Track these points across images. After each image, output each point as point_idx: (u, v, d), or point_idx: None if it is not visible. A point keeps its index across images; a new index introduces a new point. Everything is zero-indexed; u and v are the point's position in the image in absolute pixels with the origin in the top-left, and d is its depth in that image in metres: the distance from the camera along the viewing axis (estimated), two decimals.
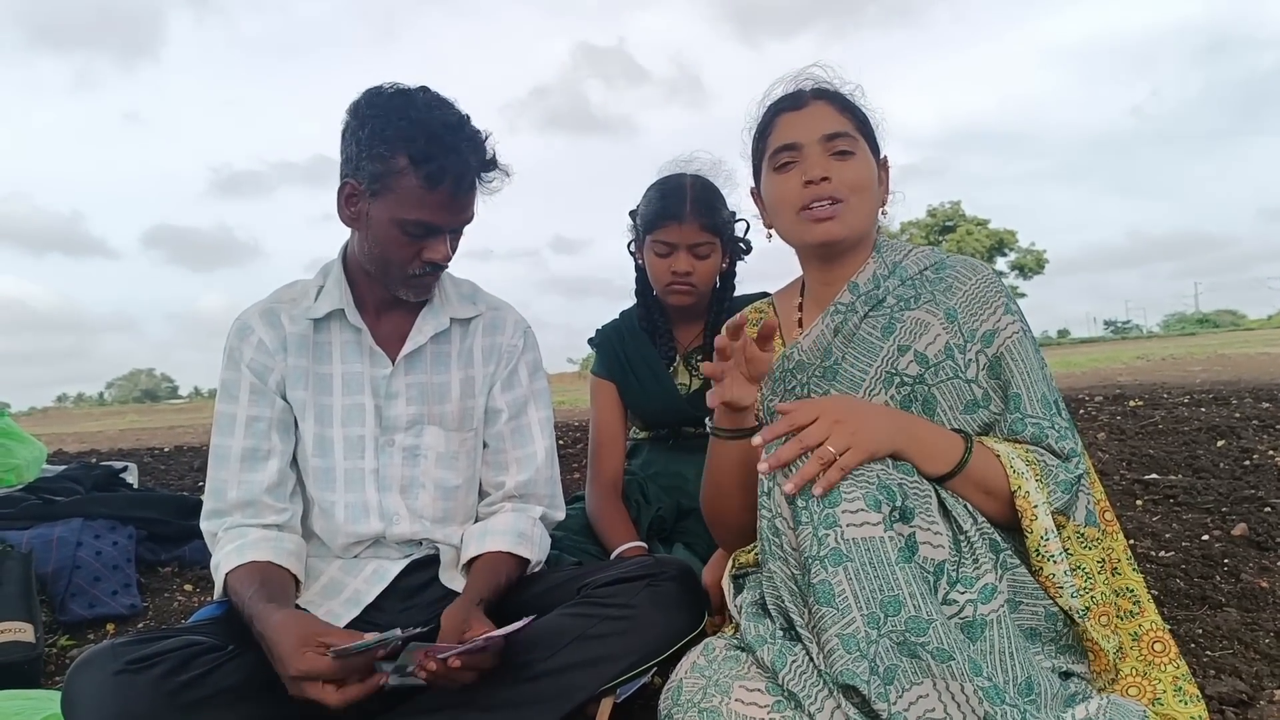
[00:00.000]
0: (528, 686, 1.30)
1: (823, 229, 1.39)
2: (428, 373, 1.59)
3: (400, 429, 1.56)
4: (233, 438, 1.51)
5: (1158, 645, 1.28)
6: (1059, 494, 1.23)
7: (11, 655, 1.86)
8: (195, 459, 5.89)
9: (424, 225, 1.43)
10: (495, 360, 1.64)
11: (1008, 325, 1.33)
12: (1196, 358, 12.96)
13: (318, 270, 1.61)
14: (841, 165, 1.39)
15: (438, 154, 1.38)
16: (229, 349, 1.54)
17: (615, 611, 1.37)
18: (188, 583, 2.65)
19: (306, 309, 1.54)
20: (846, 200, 1.38)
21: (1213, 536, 2.37)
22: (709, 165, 2.08)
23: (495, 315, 1.66)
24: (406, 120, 1.39)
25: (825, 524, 1.12)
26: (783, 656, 1.17)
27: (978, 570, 1.16)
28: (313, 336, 1.55)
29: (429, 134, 1.38)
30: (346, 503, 1.53)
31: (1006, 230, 52.02)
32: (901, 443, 1.20)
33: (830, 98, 1.44)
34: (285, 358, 1.53)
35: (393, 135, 1.38)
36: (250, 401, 1.51)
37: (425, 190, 1.39)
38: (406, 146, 1.38)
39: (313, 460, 1.53)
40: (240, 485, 1.49)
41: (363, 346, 1.56)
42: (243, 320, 1.55)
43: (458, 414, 1.60)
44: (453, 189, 1.40)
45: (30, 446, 3.10)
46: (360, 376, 1.55)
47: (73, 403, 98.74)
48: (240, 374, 1.52)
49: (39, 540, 2.33)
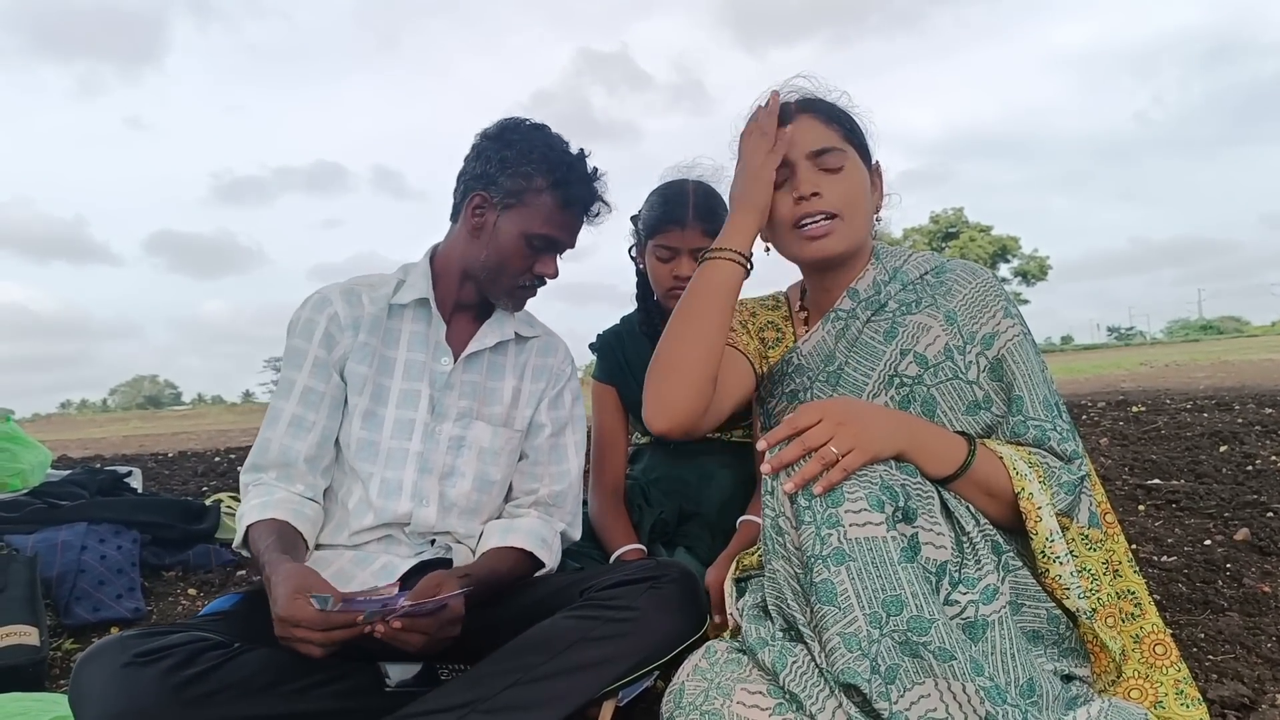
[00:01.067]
0: (531, 688, 1.30)
1: (817, 246, 1.39)
2: (483, 375, 1.68)
3: (449, 419, 1.63)
4: (287, 401, 1.57)
5: (1159, 648, 1.28)
6: (1062, 495, 1.24)
7: (16, 658, 1.86)
8: (199, 464, 5.90)
9: (548, 240, 1.59)
10: (545, 380, 1.75)
11: (1008, 328, 1.34)
12: (1200, 364, 12.95)
13: (399, 266, 1.72)
14: (832, 179, 1.39)
15: (574, 181, 1.58)
16: (303, 320, 1.60)
17: (617, 614, 1.37)
18: (191, 587, 2.65)
19: (386, 295, 1.64)
20: (840, 215, 1.38)
21: (1215, 541, 2.37)
22: (711, 171, 2.09)
23: (549, 341, 1.79)
24: (550, 149, 1.59)
25: (828, 524, 1.13)
26: (783, 658, 1.17)
27: (980, 571, 1.17)
28: (385, 321, 1.64)
29: (568, 164, 1.58)
30: (384, 478, 1.57)
31: (1009, 236, 52.07)
32: (905, 444, 1.21)
33: (816, 109, 1.44)
34: (356, 334, 1.61)
35: (538, 159, 1.57)
36: (312, 372, 1.58)
37: (558, 209, 1.58)
38: (550, 171, 1.57)
39: (359, 433, 1.59)
40: (282, 447, 1.55)
41: (429, 339, 1.65)
42: (323, 294, 1.63)
43: (505, 415, 1.69)
44: (579, 212, 1.61)
45: (35, 451, 3.11)
46: (422, 366, 1.64)
47: (76, 409, 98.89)
48: (310, 345, 1.59)
49: (44, 544, 2.34)
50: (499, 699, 1.29)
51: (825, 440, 1.16)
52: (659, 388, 1.40)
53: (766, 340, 1.55)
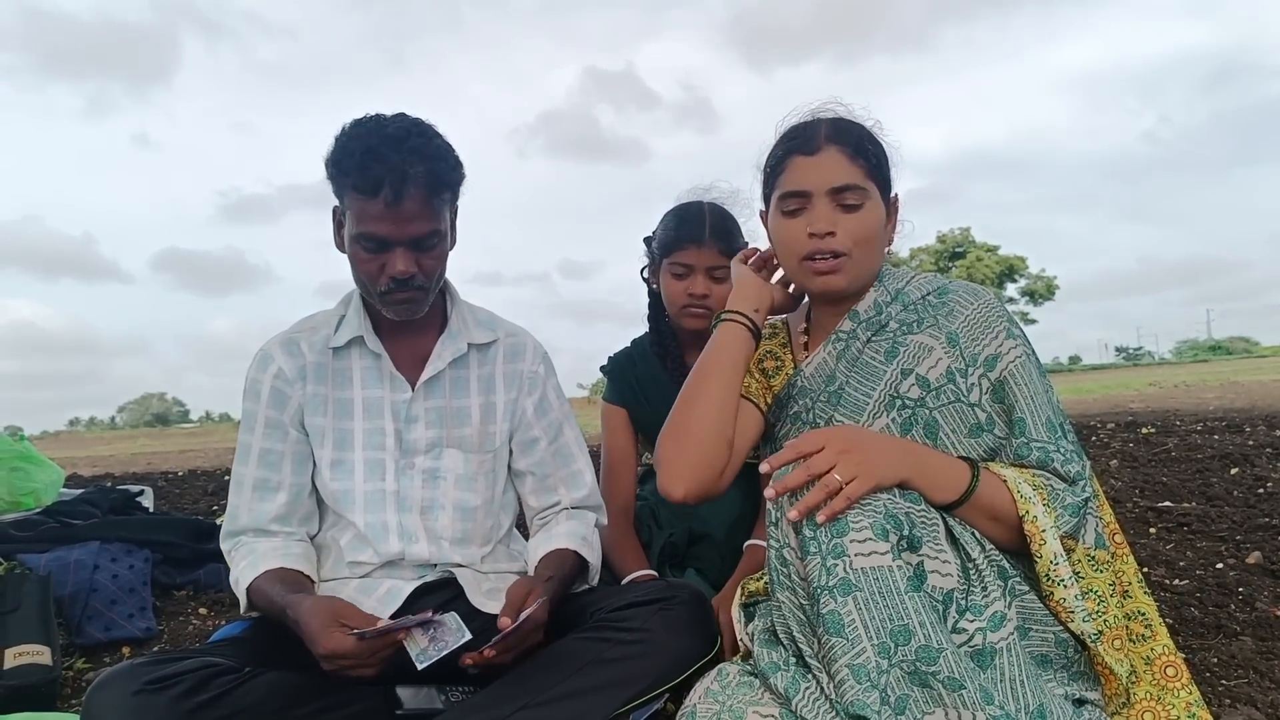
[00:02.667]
0: (542, 710, 1.30)
1: (822, 281, 1.40)
2: (447, 397, 1.62)
3: (420, 452, 1.59)
4: (247, 467, 1.56)
5: (1170, 670, 1.28)
6: (1066, 518, 1.23)
7: (29, 677, 1.87)
8: (209, 483, 5.91)
9: (374, 239, 1.45)
10: (518, 387, 1.67)
11: (1010, 349, 1.33)
12: (1209, 384, 12.89)
13: (339, 300, 1.65)
14: (848, 218, 1.38)
15: (371, 164, 1.40)
16: (250, 380, 1.57)
17: (628, 636, 1.37)
18: (203, 606, 2.65)
19: (326, 338, 1.58)
20: (850, 254, 1.38)
21: (1227, 565, 2.35)
22: (727, 195, 2.11)
23: (514, 341, 1.69)
24: (350, 139, 1.44)
25: (833, 554, 1.12)
26: (796, 684, 1.17)
27: (987, 598, 1.16)
28: (332, 363, 1.58)
29: (365, 148, 1.41)
30: (366, 523, 1.55)
31: (1016, 256, 51.99)
32: (908, 472, 1.20)
33: (844, 141, 1.41)
34: (304, 386, 1.56)
35: (339, 155, 1.45)
36: (265, 434, 1.56)
37: (365, 202, 1.42)
38: (339, 163, 1.44)
39: (331, 484, 1.56)
40: (250, 512, 1.54)
41: (383, 372, 1.59)
42: (264, 351, 1.59)
43: (477, 437, 1.63)
44: (390, 198, 1.40)
45: (48, 470, 3.12)
46: (380, 401, 1.58)
47: (85, 426, 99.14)
48: (259, 406, 1.56)
49: (56, 563, 2.34)
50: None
51: (829, 467, 1.16)
52: (673, 454, 1.40)
53: (767, 370, 1.55)
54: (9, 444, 3.06)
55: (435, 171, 1.44)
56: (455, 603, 1.54)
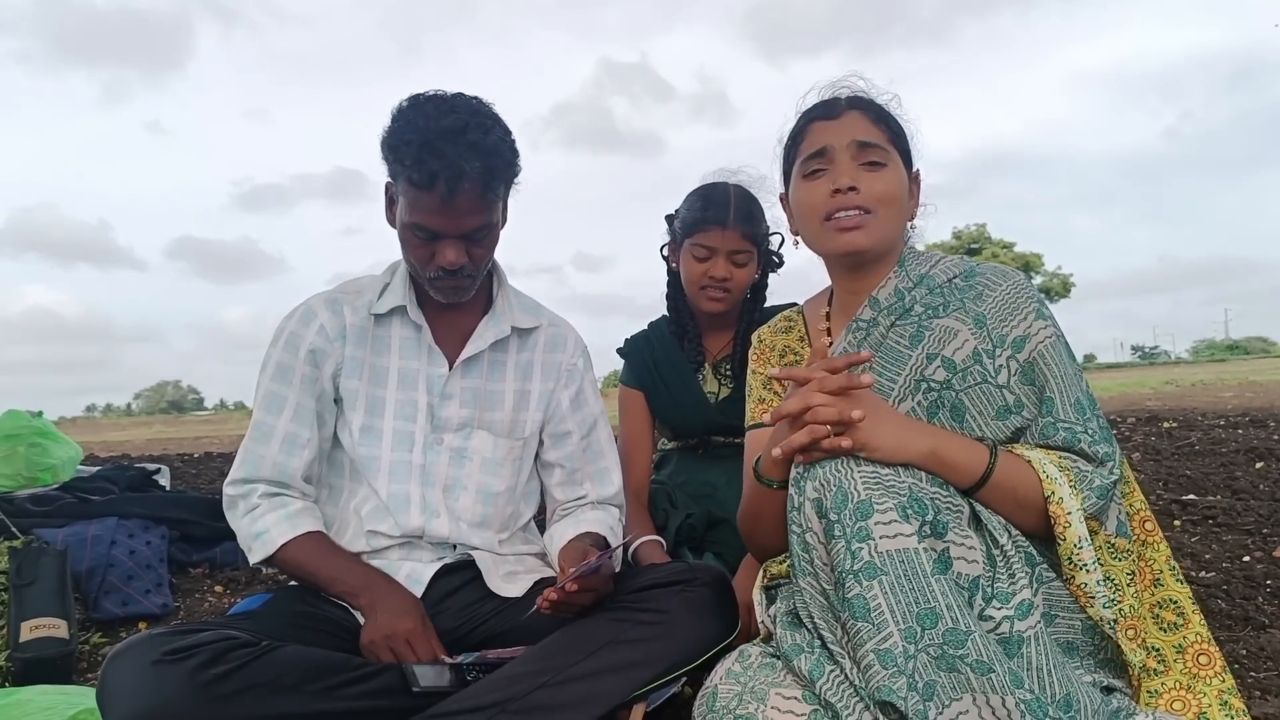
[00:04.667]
0: (560, 690, 1.29)
1: (847, 239, 1.37)
2: (483, 379, 1.61)
3: (450, 430, 1.58)
4: (279, 418, 1.53)
5: (1203, 658, 1.25)
6: (1092, 499, 1.20)
7: (45, 650, 1.88)
8: (225, 465, 5.94)
9: (425, 230, 1.45)
10: (555, 378, 1.67)
11: (1040, 330, 1.31)
12: (1227, 384, 12.76)
13: (385, 267, 1.65)
14: (871, 176, 1.36)
15: (428, 159, 1.39)
16: (289, 333, 1.55)
17: (649, 617, 1.36)
18: (218, 584, 2.66)
19: (369, 303, 1.58)
20: (874, 212, 1.36)
21: (1254, 558, 2.33)
22: (754, 180, 2.10)
23: (556, 332, 1.69)
24: (408, 126, 1.42)
25: (858, 537, 1.11)
26: (820, 666, 1.15)
27: (1014, 585, 1.14)
28: (373, 329, 1.58)
29: (423, 140, 1.39)
30: (390, 492, 1.54)
31: (1033, 254, 51.72)
32: (921, 450, 1.18)
33: (865, 108, 1.42)
34: (344, 346, 1.56)
35: (397, 142, 1.43)
36: (301, 388, 1.54)
37: (419, 194, 1.42)
38: (405, 152, 1.41)
39: (359, 449, 1.55)
40: (275, 465, 1.52)
41: (421, 344, 1.58)
42: (308, 305, 1.58)
43: (508, 423, 1.62)
44: (445, 193, 1.40)
45: (66, 446, 3.14)
46: (416, 373, 1.58)
47: (101, 412, 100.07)
48: (296, 358, 1.54)
49: (74, 538, 2.36)
50: (529, 699, 1.28)
51: (831, 417, 1.15)
52: (750, 548, 1.55)
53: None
54: (27, 420, 3.08)
55: (492, 168, 1.43)
56: (471, 585, 1.54)
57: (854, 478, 1.14)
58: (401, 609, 1.42)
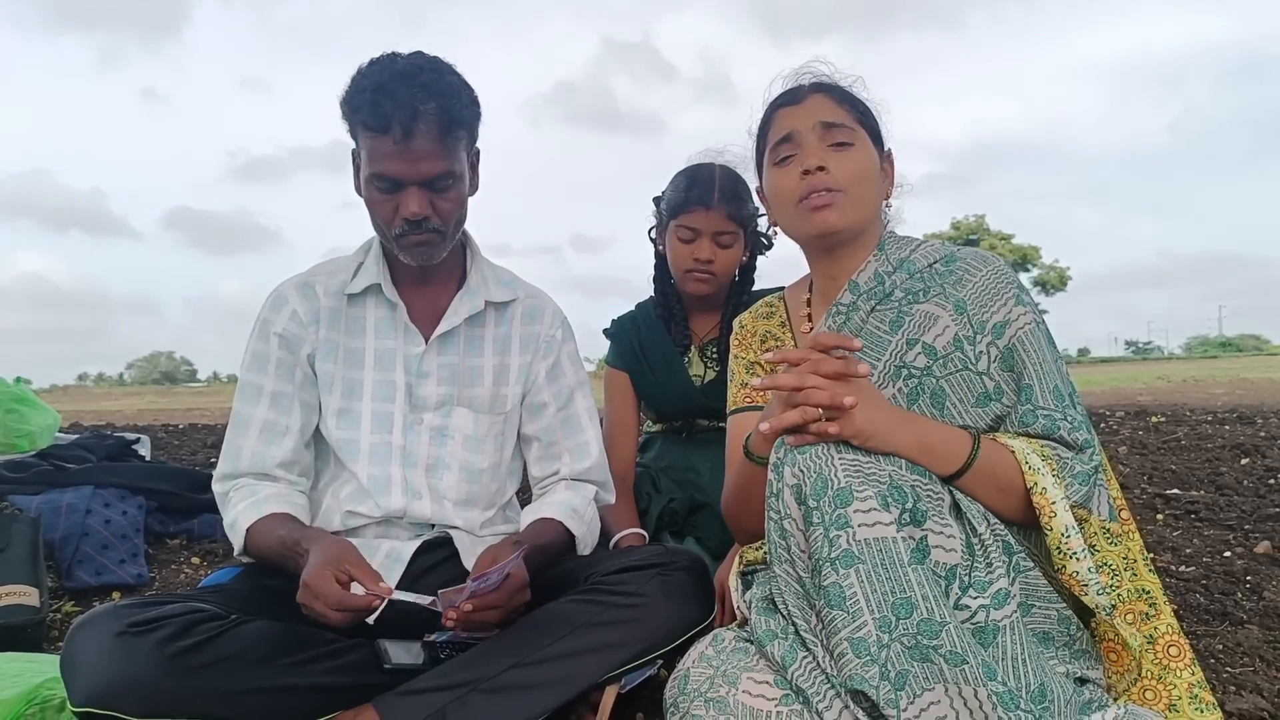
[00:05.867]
0: (532, 670, 1.28)
1: (820, 218, 1.36)
2: (460, 354, 1.58)
3: (429, 408, 1.56)
4: (256, 408, 1.51)
5: (1173, 649, 1.25)
6: (1076, 487, 1.20)
7: (15, 618, 1.86)
8: (209, 436, 5.92)
9: (385, 178, 1.41)
10: (533, 350, 1.64)
11: (1019, 316, 1.30)
12: (1219, 380, 12.82)
13: (358, 246, 1.62)
14: (839, 156, 1.36)
15: (382, 101, 1.37)
16: (262, 320, 1.54)
17: (624, 599, 1.35)
18: (195, 555, 2.65)
19: (343, 283, 1.55)
20: (845, 190, 1.35)
21: (1235, 553, 2.33)
22: (740, 160, 2.06)
23: (533, 304, 1.66)
24: (363, 76, 1.41)
25: (837, 525, 1.09)
26: (793, 653, 1.15)
27: (991, 575, 1.13)
28: (346, 310, 1.55)
29: (376, 84, 1.38)
30: (370, 474, 1.52)
31: (1030, 246, 51.83)
32: (906, 440, 1.17)
33: (828, 90, 1.42)
34: (318, 330, 1.53)
35: (352, 93, 1.41)
36: (277, 375, 1.52)
37: (376, 139, 1.39)
38: (359, 100, 1.39)
39: (336, 432, 1.53)
40: (254, 456, 1.50)
41: (397, 323, 1.56)
42: (279, 292, 1.56)
43: (488, 398, 1.60)
44: (400, 135, 1.37)
45: (44, 414, 3.11)
46: (393, 353, 1.55)
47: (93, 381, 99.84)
48: (270, 345, 1.52)
49: (48, 506, 2.34)
50: (500, 679, 1.27)
51: (824, 401, 1.13)
52: (735, 532, 1.50)
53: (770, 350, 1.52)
54: (5, 386, 3.05)
55: (447, 108, 1.40)
56: (449, 563, 1.53)
57: (834, 464, 1.13)
58: (308, 563, 1.29)
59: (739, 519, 1.42)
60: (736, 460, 1.40)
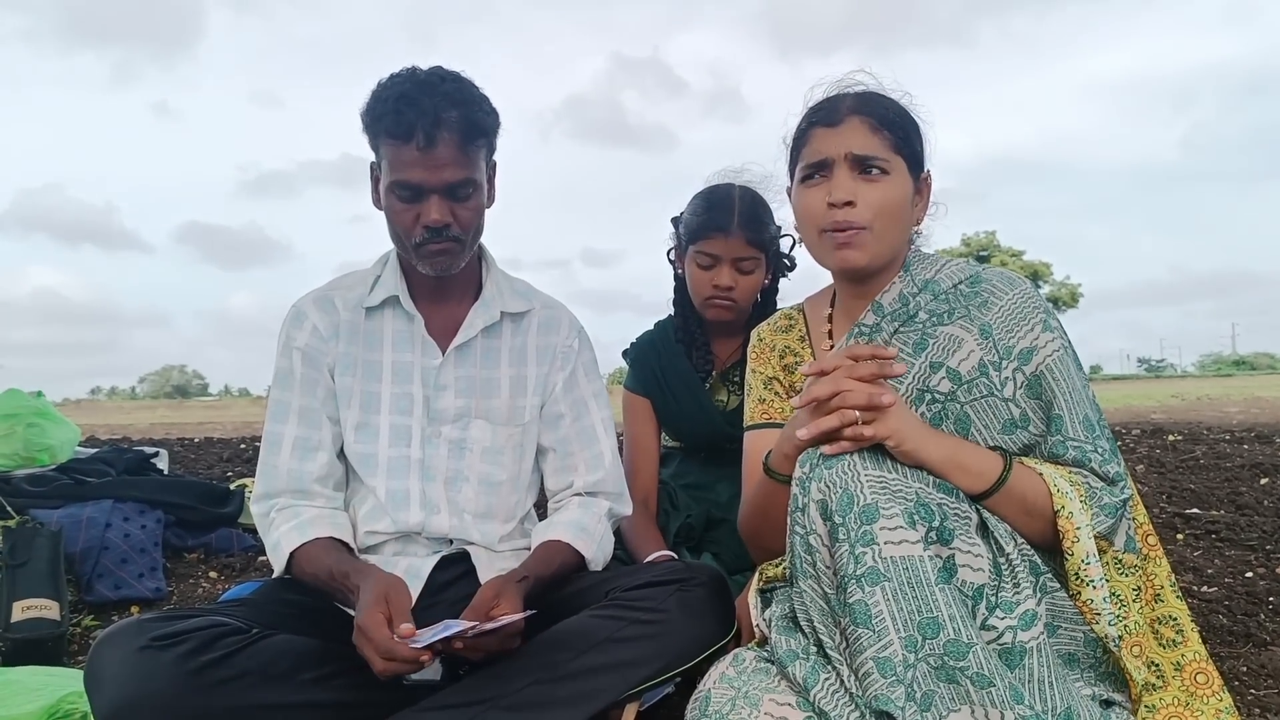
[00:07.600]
0: (552, 687, 1.27)
1: (840, 255, 1.34)
2: (477, 366, 1.58)
3: (447, 421, 1.56)
4: (286, 425, 1.52)
5: (1200, 676, 1.24)
6: (1103, 518, 1.19)
7: (37, 631, 1.87)
8: (225, 450, 5.93)
9: (407, 186, 1.43)
10: (550, 361, 1.63)
11: (1047, 343, 1.28)
12: (1233, 399, 12.70)
13: (376, 259, 1.62)
14: (869, 188, 1.32)
15: (404, 109, 1.40)
16: (284, 337, 1.55)
17: (644, 615, 1.34)
18: (213, 569, 2.66)
19: (361, 296, 1.56)
20: (870, 227, 1.32)
21: (1257, 574, 2.31)
22: (759, 179, 2.02)
23: (549, 314, 1.66)
24: (384, 88, 1.44)
25: (862, 541, 1.09)
26: (815, 674, 1.14)
27: (1018, 595, 1.13)
28: (364, 324, 1.56)
29: (399, 94, 1.41)
30: (389, 488, 1.52)
31: (1041, 263, 51.57)
32: (940, 453, 1.17)
33: (868, 113, 1.36)
34: (337, 344, 1.54)
35: (373, 104, 1.44)
36: (303, 390, 1.52)
37: (399, 147, 1.41)
38: (382, 110, 1.42)
39: (354, 446, 1.53)
40: (290, 474, 1.50)
41: (414, 336, 1.56)
42: (298, 307, 1.57)
43: (506, 410, 1.59)
44: (423, 142, 1.39)
45: (64, 428, 3.13)
46: (410, 366, 1.55)
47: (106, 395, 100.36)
48: (293, 362, 1.53)
49: (69, 520, 2.35)
50: (519, 696, 1.26)
51: (861, 402, 1.14)
52: (752, 550, 1.48)
53: (789, 368, 1.51)
54: (26, 400, 3.07)
55: (469, 117, 1.43)
56: (466, 579, 1.52)
57: (860, 481, 1.12)
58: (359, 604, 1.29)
59: (757, 536, 1.41)
60: (755, 477, 1.39)
